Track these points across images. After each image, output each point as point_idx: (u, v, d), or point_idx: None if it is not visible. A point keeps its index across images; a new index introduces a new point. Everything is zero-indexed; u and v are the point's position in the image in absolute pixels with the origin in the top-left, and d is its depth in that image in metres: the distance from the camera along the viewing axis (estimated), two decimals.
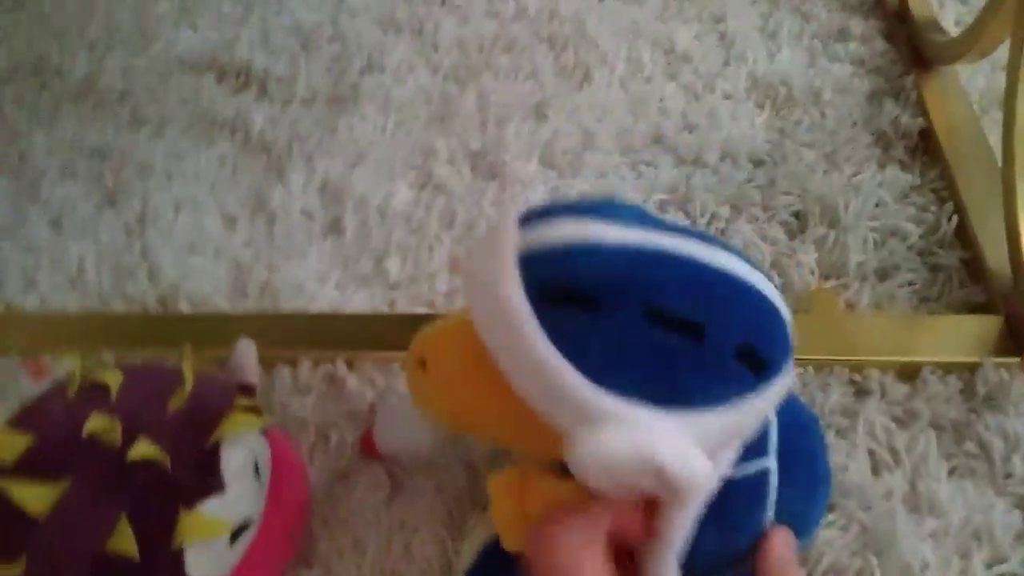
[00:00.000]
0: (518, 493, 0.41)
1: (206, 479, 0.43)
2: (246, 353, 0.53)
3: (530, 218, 0.37)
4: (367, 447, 0.54)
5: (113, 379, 0.45)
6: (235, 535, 0.44)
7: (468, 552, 0.48)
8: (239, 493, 0.44)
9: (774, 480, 0.41)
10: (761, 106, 0.80)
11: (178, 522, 0.41)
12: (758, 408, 0.36)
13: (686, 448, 0.33)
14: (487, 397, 0.39)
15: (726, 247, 0.37)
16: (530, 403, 0.35)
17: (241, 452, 0.45)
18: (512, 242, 0.36)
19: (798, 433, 0.44)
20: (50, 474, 0.41)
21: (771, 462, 0.41)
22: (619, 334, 0.34)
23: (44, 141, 0.83)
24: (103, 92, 0.88)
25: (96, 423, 0.42)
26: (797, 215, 0.69)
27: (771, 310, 0.37)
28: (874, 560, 0.48)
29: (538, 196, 0.72)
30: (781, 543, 0.40)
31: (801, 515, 0.43)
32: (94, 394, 0.45)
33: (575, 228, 0.35)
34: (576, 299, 0.34)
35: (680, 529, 0.38)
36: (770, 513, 0.41)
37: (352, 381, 0.59)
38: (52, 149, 0.83)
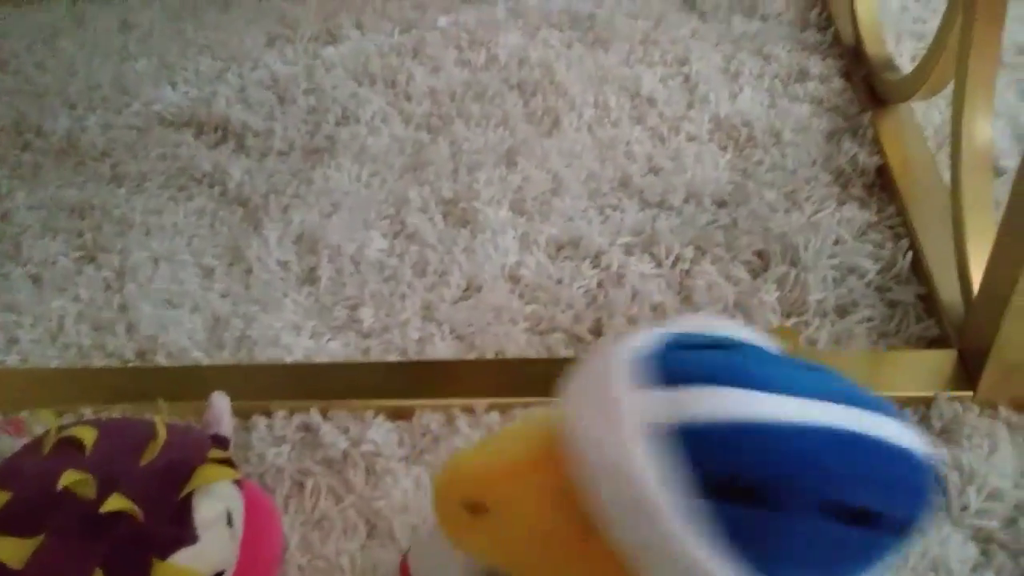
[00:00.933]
0: None
1: (178, 530, 0.44)
2: (220, 406, 0.54)
3: (661, 370, 0.32)
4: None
5: (87, 435, 0.47)
6: None
7: None
8: (212, 543, 0.45)
9: None
10: (724, 148, 0.82)
11: (151, 573, 0.43)
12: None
13: None
14: (569, 558, 0.34)
15: (878, 405, 0.33)
16: None
17: (214, 503, 0.46)
18: (631, 403, 0.31)
19: None
20: (26, 529, 0.42)
21: None
22: (791, 529, 0.30)
23: (26, 199, 0.85)
24: (84, 150, 0.90)
25: (70, 478, 0.43)
26: (759, 254, 0.71)
27: (927, 485, 0.33)
28: None
29: (508, 242, 0.74)
30: None
31: None
32: (68, 449, 0.46)
33: (739, 403, 0.30)
34: (742, 490, 0.30)
35: None
36: None
37: (326, 429, 0.60)
38: (34, 207, 0.85)
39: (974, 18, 0.59)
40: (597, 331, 0.67)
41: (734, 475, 0.30)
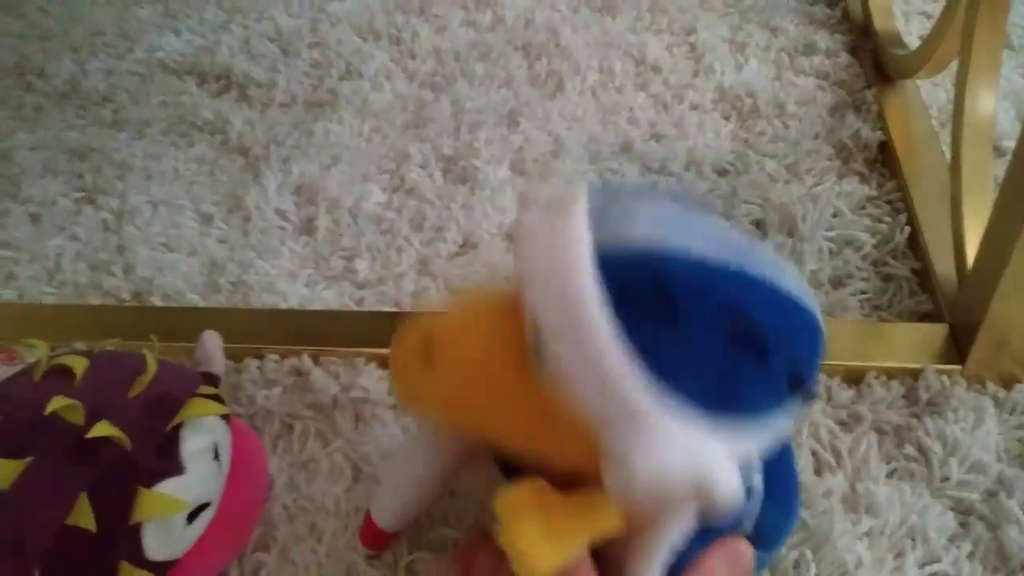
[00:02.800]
0: (541, 510, 0.36)
1: (164, 461, 0.45)
2: (211, 344, 0.55)
3: (600, 208, 0.35)
4: (370, 536, 0.51)
5: (78, 364, 0.47)
6: (193, 515, 0.46)
7: None
8: (197, 475, 0.46)
9: (759, 497, 0.41)
10: (727, 117, 0.82)
11: (136, 500, 0.43)
12: (783, 428, 0.36)
13: (732, 466, 0.33)
14: (511, 396, 0.37)
15: (787, 268, 0.36)
16: (581, 407, 0.33)
17: (201, 437, 0.47)
18: (586, 233, 0.33)
19: (779, 454, 0.43)
20: (13, 450, 0.43)
21: (758, 479, 0.41)
22: (694, 345, 0.33)
23: (27, 140, 0.85)
24: (86, 94, 0.90)
25: (59, 403, 0.43)
26: (757, 224, 0.72)
27: (819, 340, 0.36)
28: (810, 555, 0.50)
29: (506, 201, 0.74)
30: (723, 556, 0.40)
31: (775, 531, 0.44)
32: (58, 377, 0.47)
33: (661, 231, 0.34)
34: (652, 305, 0.33)
35: (672, 539, 0.38)
36: (747, 527, 0.41)
37: (317, 375, 0.60)
38: (35, 148, 0.84)
39: None
40: None
41: (650, 291, 0.33)
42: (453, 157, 0.79)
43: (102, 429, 0.43)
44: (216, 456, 0.48)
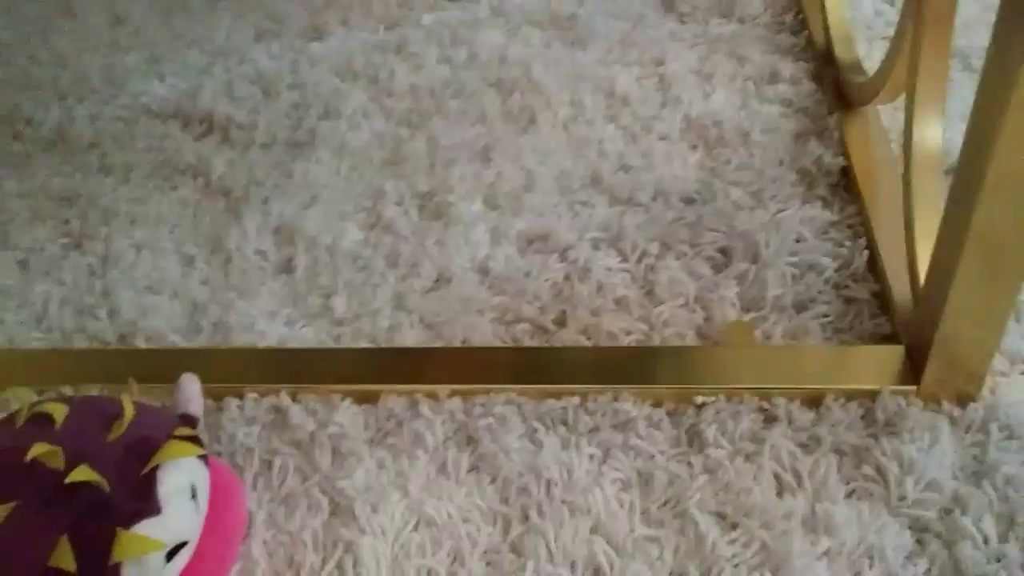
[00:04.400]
0: None
1: (142, 502, 0.47)
2: (189, 387, 0.57)
3: None
4: None
5: (58, 410, 0.49)
6: (171, 554, 0.48)
7: None
8: (175, 515, 0.48)
9: None
10: (694, 147, 0.85)
11: (115, 540, 0.45)
12: None
13: None
14: None
15: None
16: None
17: (178, 477, 0.49)
18: None
19: None
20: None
21: None
22: None
23: (15, 188, 0.88)
24: (73, 141, 0.92)
25: (39, 449, 0.46)
26: (723, 251, 0.74)
27: None
28: (771, 574, 0.52)
29: (479, 235, 0.76)
30: None
31: None
32: (40, 423, 0.49)
33: None
34: None
35: None
36: None
37: (295, 411, 0.62)
38: (23, 195, 0.87)
39: (922, 23, 0.61)
40: (561, 322, 0.69)
41: None
42: (428, 193, 0.81)
43: (80, 474, 0.45)
44: (194, 496, 0.50)
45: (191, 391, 0.57)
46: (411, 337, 0.68)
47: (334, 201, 0.81)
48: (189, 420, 0.54)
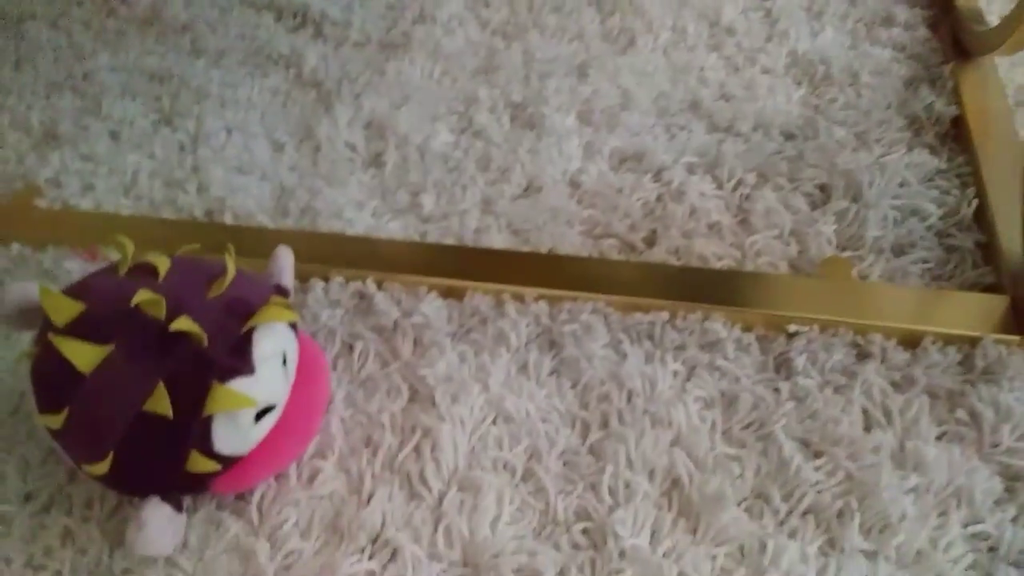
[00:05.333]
0: None
1: (238, 360, 0.47)
2: (284, 258, 0.56)
3: None
4: None
5: (161, 263, 0.49)
6: (259, 416, 0.48)
7: None
8: (267, 378, 0.48)
9: None
10: (799, 83, 0.82)
11: (209, 393, 0.45)
12: None
13: None
14: None
15: None
16: None
17: (272, 342, 0.49)
18: None
19: None
20: (99, 337, 0.45)
21: None
22: None
23: (108, 62, 0.88)
24: (167, 22, 0.92)
25: (143, 296, 0.46)
26: (822, 188, 0.71)
27: None
28: (855, 505, 0.51)
29: (572, 149, 0.75)
30: None
31: None
32: (143, 273, 0.49)
33: None
34: None
35: None
36: None
37: (380, 299, 0.62)
38: (115, 70, 0.87)
39: None
40: (651, 241, 0.68)
41: None
42: (521, 104, 0.80)
43: (182, 324, 0.45)
44: (284, 363, 0.50)
45: (285, 262, 0.57)
46: (498, 241, 0.68)
47: (426, 103, 0.80)
48: (282, 291, 0.54)
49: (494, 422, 0.56)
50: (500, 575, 0.48)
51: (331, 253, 0.65)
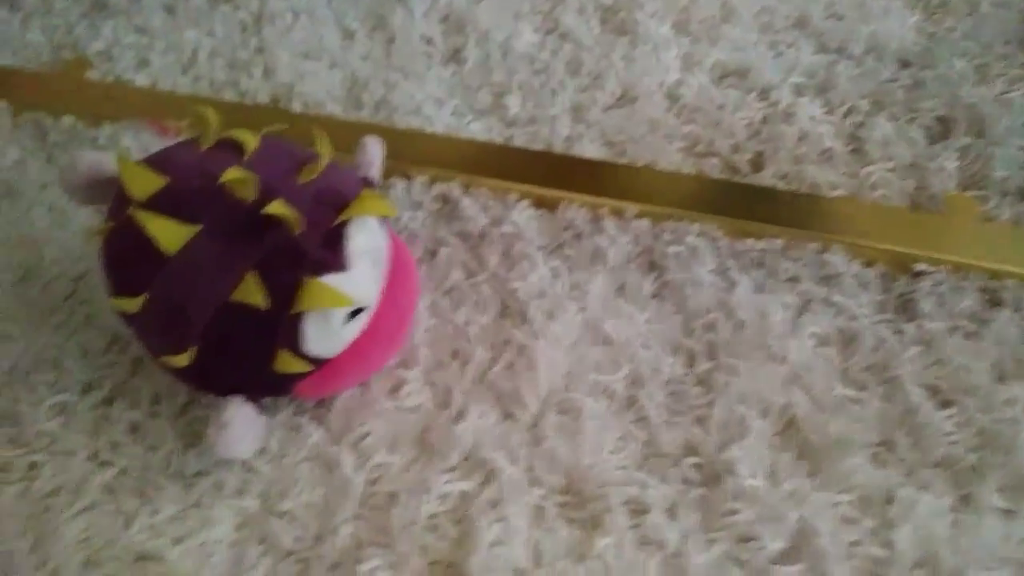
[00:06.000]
0: None
1: (331, 254, 0.42)
2: (373, 149, 0.51)
3: None
4: None
5: (249, 139, 0.44)
6: (350, 317, 0.43)
7: None
8: (360, 277, 0.43)
9: None
10: (912, 7, 0.75)
11: (302, 287, 0.40)
12: None
13: None
14: None
15: None
16: None
17: (365, 238, 0.44)
18: None
19: None
20: (184, 215, 0.40)
21: None
22: None
23: None
24: None
25: (233, 174, 0.40)
26: (941, 121, 0.66)
27: None
28: (991, 459, 0.46)
29: (669, 59, 0.68)
30: None
31: None
32: (228, 150, 0.43)
33: None
34: None
35: None
36: None
37: (467, 204, 0.57)
38: None
39: None
40: (757, 164, 0.62)
41: None
42: (612, 7, 0.73)
43: (276, 208, 0.40)
44: (375, 263, 0.45)
45: (374, 154, 0.51)
46: (590, 151, 0.62)
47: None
48: (370, 184, 0.49)
49: (591, 343, 0.51)
50: (608, 506, 0.44)
51: (412, 151, 0.60)
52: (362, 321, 0.44)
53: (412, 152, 0.60)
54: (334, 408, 0.47)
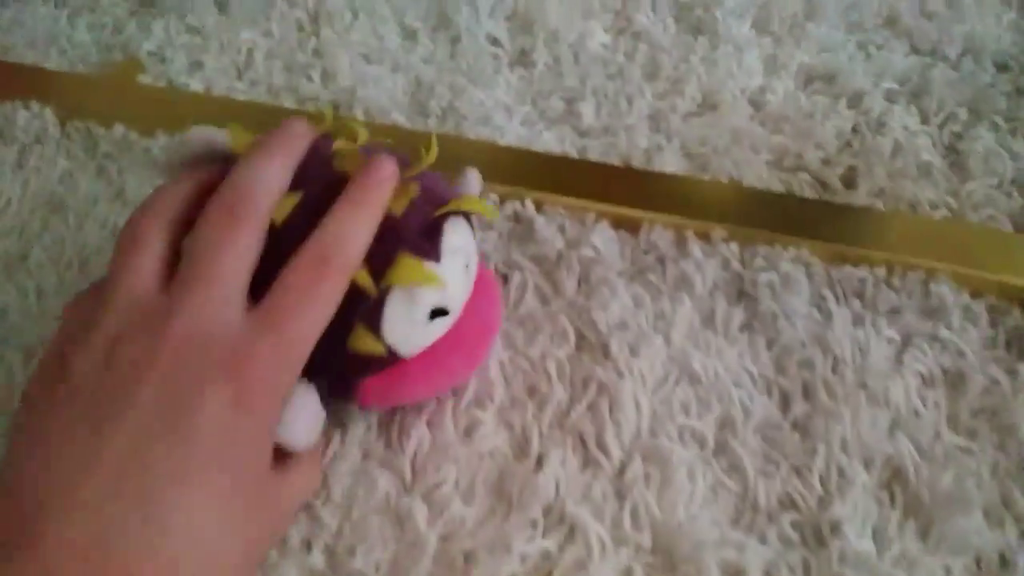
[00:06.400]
0: None
1: (427, 243, 0.40)
2: (473, 183, 0.48)
3: None
4: None
5: (361, 133, 0.44)
6: (431, 316, 0.40)
7: None
8: (449, 273, 0.41)
9: None
10: (1008, 4, 0.70)
11: (396, 261, 0.39)
12: None
13: None
14: None
15: None
16: None
17: (459, 239, 0.42)
18: None
19: None
20: (292, 187, 0.40)
21: None
22: None
23: None
24: None
25: (342, 145, 0.41)
26: None
27: None
28: None
29: (752, 61, 0.64)
30: None
31: None
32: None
33: None
34: None
35: None
36: None
37: (541, 223, 0.53)
38: None
39: None
40: (850, 180, 0.58)
41: None
42: (688, 4, 0.69)
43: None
44: (466, 267, 0.42)
45: (473, 187, 0.48)
46: (671, 164, 0.58)
47: None
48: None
49: (678, 382, 0.48)
50: (701, 570, 0.41)
51: (482, 165, 0.55)
52: (444, 325, 0.42)
53: (482, 166, 0.56)
54: (406, 452, 0.44)
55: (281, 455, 0.39)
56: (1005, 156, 0.59)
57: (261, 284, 0.38)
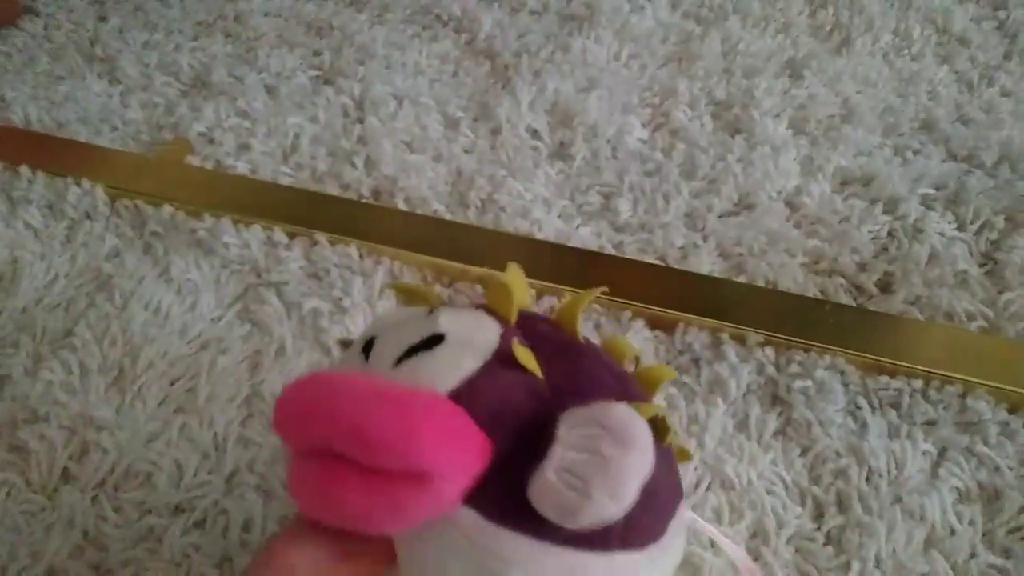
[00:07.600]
0: None
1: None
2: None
3: None
4: None
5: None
6: None
7: None
8: None
9: None
10: None
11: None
12: None
13: None
14: None
15: None
16: None
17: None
18: None
19: None
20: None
21: None
22: None
23: (261, 5, 0.80)
24: None
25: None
26: None
27: None
28: None
29: (788, 163, 0.65)
30: None
31: None
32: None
33: None
34: None
35: None
36: None
37: (606, 324, 0.54)
38: (269, 14, 0.79)
39: None
40: (886, 286, 0.58)
41: None
42: (725, 102, 0.70)
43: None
44: None
45: None
46: (706, 264, 0.59)
47: (615, 89, 0.71)
48: None
49: (709, 487, 0.48)
50: None
51: (522, 259, 0.56)
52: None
53: (521, 261, 0.57)
54: None
55: None
56: None
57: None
